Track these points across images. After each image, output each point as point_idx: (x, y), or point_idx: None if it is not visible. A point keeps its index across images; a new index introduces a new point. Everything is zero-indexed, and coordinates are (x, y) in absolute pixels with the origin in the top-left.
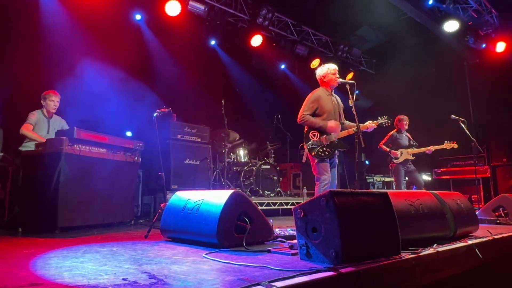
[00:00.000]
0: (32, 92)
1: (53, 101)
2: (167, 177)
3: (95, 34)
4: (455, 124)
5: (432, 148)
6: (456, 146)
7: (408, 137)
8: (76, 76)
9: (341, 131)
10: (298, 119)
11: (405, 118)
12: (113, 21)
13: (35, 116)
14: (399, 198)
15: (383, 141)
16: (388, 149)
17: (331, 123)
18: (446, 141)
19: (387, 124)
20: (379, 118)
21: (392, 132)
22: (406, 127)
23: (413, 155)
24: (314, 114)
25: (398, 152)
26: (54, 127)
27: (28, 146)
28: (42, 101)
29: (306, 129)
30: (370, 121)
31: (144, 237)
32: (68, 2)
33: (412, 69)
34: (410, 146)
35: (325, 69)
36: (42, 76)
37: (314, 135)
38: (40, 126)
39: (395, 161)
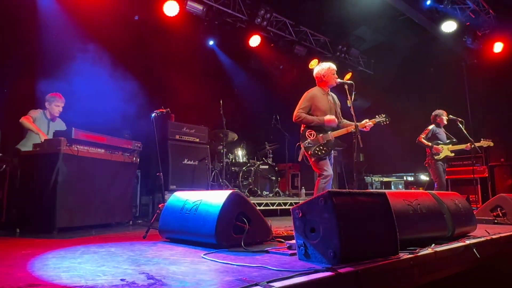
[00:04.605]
0: (30, 92)
1: (58, 106)
2: (165, 177)
3: (93, 35)
4: (453, 124)
5: (470, 145)
6: (492, 144)
7: (446, 133)
8: (74, 76)
9: (338, 129)
10: (293, 118)
11: (444, 112)
12: (111, 21)
13: (36, 114)
14: (397, 198)
15: (423, 135)
16: (430, 144)
17: (328, 117)
18: (482, 139)
19: (385, 123)
20: (377, 116)
21: (430, 126)
22: (445, 122)
23: (452, 151)
24: (309, 113)
25: (440, 147)
26: (54, 130)
27: (26, 146)
28: (46, 103)
29: (302, 128)
30: (367, 120)
31: (142, 237)
32: (66, 1)
33: (410, 69)
34: (449, 142)
35: (326, 68)
36: (39, 76)
37: (310, 134)
38: (40, 126)
39: (436, 157)
